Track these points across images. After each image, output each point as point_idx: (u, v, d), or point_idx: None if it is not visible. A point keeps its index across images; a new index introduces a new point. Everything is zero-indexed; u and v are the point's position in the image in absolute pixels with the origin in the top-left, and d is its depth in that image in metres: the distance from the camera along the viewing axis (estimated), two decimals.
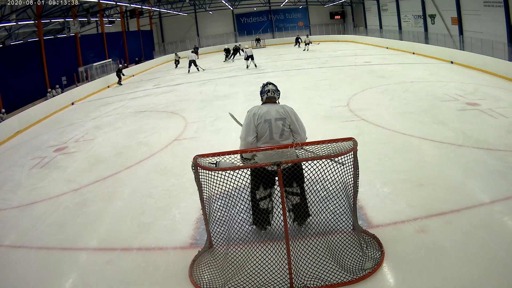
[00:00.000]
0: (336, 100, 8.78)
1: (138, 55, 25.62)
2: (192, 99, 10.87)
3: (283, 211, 2.76)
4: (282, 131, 3.06)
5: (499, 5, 13.04)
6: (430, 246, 3.12)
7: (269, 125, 3.04)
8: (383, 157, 5.14)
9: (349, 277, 2.81)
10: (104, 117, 10.19)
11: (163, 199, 4.58)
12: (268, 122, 3.05)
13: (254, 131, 3.07)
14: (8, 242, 4.06)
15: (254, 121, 3.08)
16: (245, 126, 3.12)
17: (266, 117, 3.06)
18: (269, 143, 3.05)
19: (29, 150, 7.89)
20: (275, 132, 3.05)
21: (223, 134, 7.10)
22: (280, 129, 3.05)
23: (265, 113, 3.08)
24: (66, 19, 18.26)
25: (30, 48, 15.86)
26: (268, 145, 3.03)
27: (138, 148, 6.83)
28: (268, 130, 3.05)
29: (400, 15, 22.17)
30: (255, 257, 2.99)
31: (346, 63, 15.25)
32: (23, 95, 14.11)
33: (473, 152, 5.09)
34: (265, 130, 3.06)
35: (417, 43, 17.40)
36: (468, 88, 9.04)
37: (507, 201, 3.73)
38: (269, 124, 3.04)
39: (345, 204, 3.17)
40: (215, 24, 31.07)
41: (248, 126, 3.09)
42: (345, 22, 30.68)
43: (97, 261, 3.47)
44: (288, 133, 3.11)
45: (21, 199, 5.24)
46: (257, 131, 3.07)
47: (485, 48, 12.48)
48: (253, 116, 3.10)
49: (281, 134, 3.05)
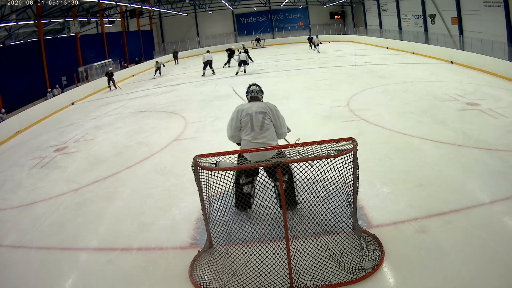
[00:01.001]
0: (336, 100, 8.78)
1: (138, 55, 25.62)
2: (192, 99, 10.87)
3: (283, 211, 2.76)
4: (262, 123, 3.43)
5: (499, 5, 13.03)
6: (430, 246, 3.12)
7: (251, 118, 3.44)
8: (383, 157, 5.14)
9: (349, 277, 2.81)
10: (104, 117, 10.19)
11: (163, 199, 4.58)
12: (250, 115, 3.45)
13: (238, 125, 3.52)
14: (8, 242, 4.06)
15: (238, 116, 3.51)
16: (230, 121, 3.58)
17: (248, 111, 3.49)
18: (250, 134, 3.43)
19: (29, 150, 7.89)
20: (255, 124, 3.42)
21: (223, 134, 6.99)
22: (260, 121, 3.43)
23: (248, 108, 3.52)
24: (66, 19, 18.26)
25: (30, 48, 15.85)
26: (250, 136, 3.42)
27: (138, 148, 6.83)
28: (249, 122, 3.45)
29: (400, 15, 22.16)
30: (255, 257, 2.99)
31: (346, 63, 15.25)
32: (23, 95, 14.10)
33: (473, 152, 5.09)
34: (247, 122, 3.46)
35: (417, 43, 17.39)
36: (468, 88, 9.04)
37: (507, 201, 3.73)
38: (251, 117, 3.44)
39: (345, 204, 3.18)
40: (215, 24, 31.06)
41: (232, 121, 3.55)
42: (345, 22, 30.67)
43: (97, 261, 3.47)
44: (269, 126, 3.46)
45: (21, 199, 5.24)
46: (242, 124, 3.49)
47: (485, 48, 12.48)
48: (237, 112, 3.54)
49: (261, 126, 3.42)
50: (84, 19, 19.01)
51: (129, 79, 18.51)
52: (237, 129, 3.53)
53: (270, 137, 3.42)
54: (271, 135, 3.45)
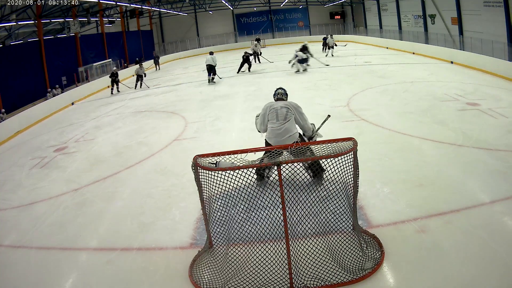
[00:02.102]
0: (336, 100, 8.78)
1: (138, 55, 25.59)
2: (192, 99, 10.87)
3: (283, 211, 2.76)
4: (286, 115, 4.11)
5: (499, 5, 13.02)
6: (430, 246, 3.12)
7: (276, 111, 4.15)
8: (383, 157, 5.14)
9: (349, 277, 2.81)
10: (104, 117, 10.19)
11: (163, 199, 4.58)
12: (275, 109, 4.17)
13: (266, 119, 4.22)
14: (8, 242, 4.06)
15: (266, 111, 4.21)
16: (260, 117, 4.31)
17: (274, 106, 4.22)
18: (276, 124, 4.11)
19: (29, 150, 7.89)
20: (280, 115, 4.11)
21: (223, 134, 7.10)
22: (284, 114, 4.11)
23: (274, 104, 4.28)
24: (66, 19, 18.24)
25: (30, 48, 15.84)
26: (275, 125, 4.10)
27: (138, 148, 6.83)
28: (275, 114, 4.14)
29: (400, 15, 22.15)
30: (255, 257, 2.99)
31: (346, 63, 15.25)
32: (23, 95, 14.09)
33: (473, 152, 5.09)
34: (273, 115, 4.16)
35: (417, 43, 17.38)
36: (468, 88, 9.03)
37: (507, 201, 3.73)
38: (276, 111, 4.16)
39: (345, 204, 3.18)
40: (215, 24, 31.04)
41: (262, 117, 4.27)
42: (345, 22, 30.65)
43: (97, 261, 3.47)
44: (291, 118, 4.12)
45: (21, 199, 5.24)
46: (269, 118, 4.19)
47: (485, 48, 12.47)
48: (266, 108, 4.25)
49: (284, 117, 4.10)
50: (84, 19, 19.00)
51: (129, 79, 18.51)
52: (266, 122, 4.23)
53: (291, 126, 4.09)
54: (292, 125, 4.11)
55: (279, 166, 2.71)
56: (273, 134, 4.09)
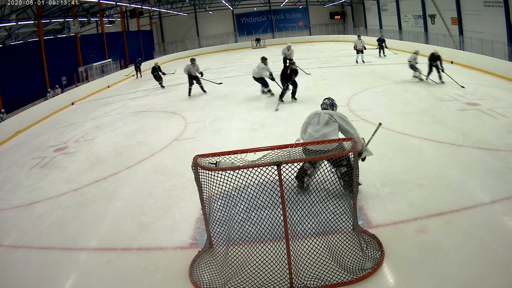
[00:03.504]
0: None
1: (138, 55, 25.58)
2: (192, 99, 10.87)
3: (283, 211, 2.76)
4: (328, 121, 4.06)
5: (499, 5, 13.02)
6: (430, 246, 3.12)
7: (318, 117, 4.13)
8: (383, 157, 5.14)
9: (349, 277, 2.81)
10: (104, 117, 10.19)
11: (163, 199, 4.58)
12: (318, 115, 4.16)
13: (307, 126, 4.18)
14: (8, 242, 4.06)
15: (309, 119, 4.22)
16: (303, 124, 4.31)
17: (318, 112, 4.23)
18: (316, 127, 4.06)
19: (29, 150, 7.89)
20: (321, 120, 4.08)
21: (223, 134, 7.10)
22: (326, 119, 4.06)
23: (318, 111, 4.29)
24: (66, 19, 18.22)
25: (30, 48, 15.84)
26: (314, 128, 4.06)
27: (138, 148, 6.83)
28: (317, 119, 4.12)
29: (400, 15, 22.15)
30: (255, 257, 2.99)
31: (346, 63, 15.24)
32: (23, 95, 14.09)
33: (473, 152, 5.08)
34: (315, 120, 4.15)
35: (417, 43, 17.37)
36: (468, 88, 9.03)
37: (507, 201, 3.73)
38: (319, 116, 4.14)
39: (345, 204, 3.18)
40: (215, 24, 31.04)
41: (304, 124, 4.27)
42: (345, 22, 30.63)
43: (97, 261, 3.47)
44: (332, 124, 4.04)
45: (21, 199, 5.24)
46: (310, 122, 4.17)
47: (485, 48, 12.47)
48: (310, 116, 4.25)
49: (326, 123, 4.05)
50: (84, 19, 18.98)
51: (129, 79, 18.50)
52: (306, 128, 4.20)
53: (330, 132, 3.98)
54: (332, 132, 3.99)
55: (279, 166, 2.71)
56: (310, 138, 3.97)
